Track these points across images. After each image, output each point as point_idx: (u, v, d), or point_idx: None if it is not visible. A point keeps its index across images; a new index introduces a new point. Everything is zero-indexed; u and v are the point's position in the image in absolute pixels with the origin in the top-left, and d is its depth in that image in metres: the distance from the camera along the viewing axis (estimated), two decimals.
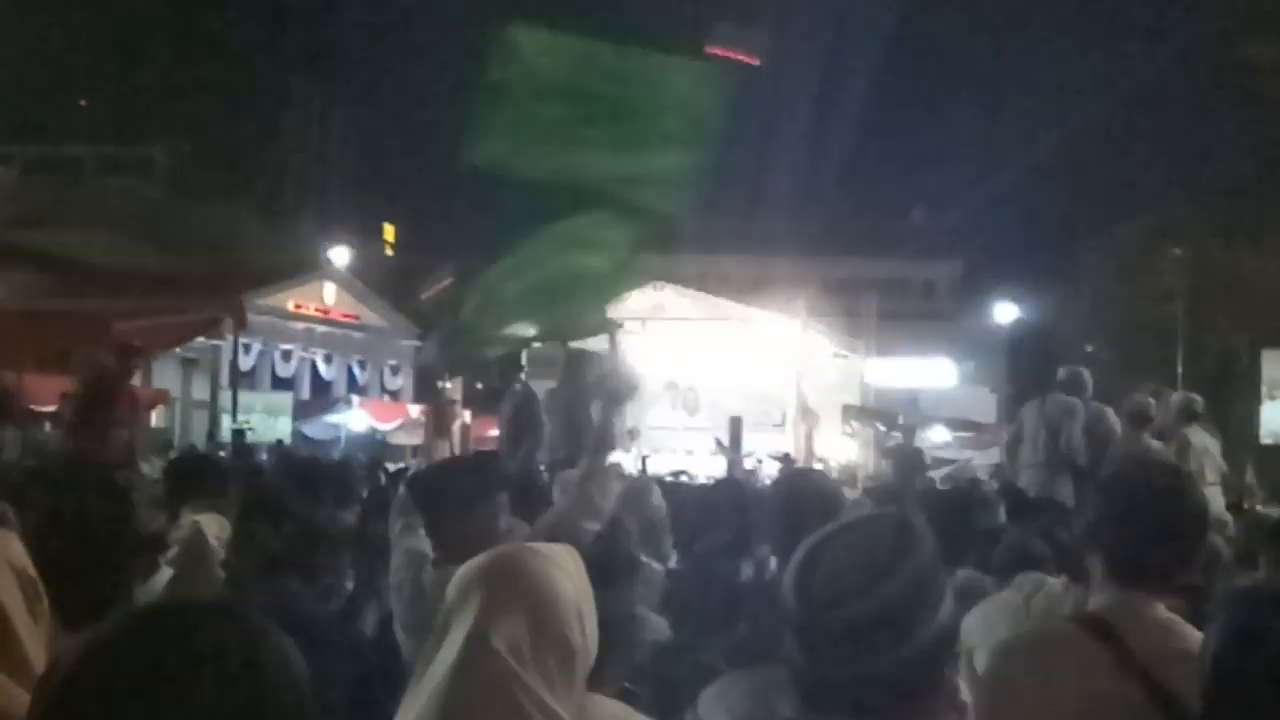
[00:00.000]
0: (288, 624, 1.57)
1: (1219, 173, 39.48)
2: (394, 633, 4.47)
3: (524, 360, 21.70)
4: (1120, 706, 3.02)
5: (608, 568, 3.24)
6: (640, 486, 6.80)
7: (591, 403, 13.37)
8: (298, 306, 34.68)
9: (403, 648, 4.29)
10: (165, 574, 4.94)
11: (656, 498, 6.70)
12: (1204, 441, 12.43)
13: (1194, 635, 3.12)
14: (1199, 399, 13.21)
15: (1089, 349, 47.02)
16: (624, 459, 24.85)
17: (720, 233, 51.03)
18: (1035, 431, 12.25)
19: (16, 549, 2.50)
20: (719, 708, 2.31)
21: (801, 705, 2.21)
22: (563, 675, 2.46)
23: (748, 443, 21.47)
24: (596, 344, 13.68)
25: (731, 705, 2.29)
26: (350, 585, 4.62)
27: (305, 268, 38.21)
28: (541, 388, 13.51)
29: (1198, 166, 40.72)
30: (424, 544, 4.61)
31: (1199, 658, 2.60)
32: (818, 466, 25.81)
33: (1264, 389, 35.04)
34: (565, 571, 2.59)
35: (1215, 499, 11.56)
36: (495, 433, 28.78)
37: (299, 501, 5.53)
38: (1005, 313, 46.76)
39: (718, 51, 41.90)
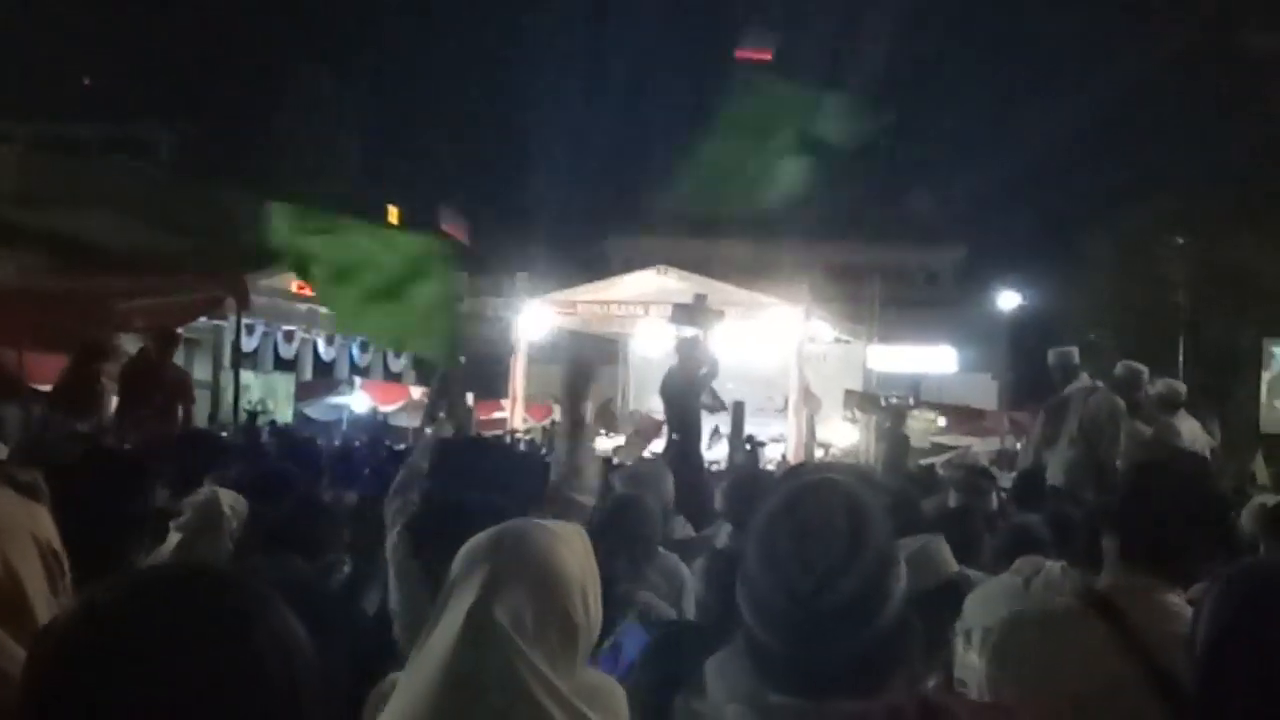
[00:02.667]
0: (289, 599, 1.58)
1: (1223, 161, 39.38)
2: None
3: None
4: (1120, 685, 3.05)
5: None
6: (652, 473, 6.85)
7: (703, 389, 13.61)
8: (300, 288, 34.54)
9: (396, 629, 4.30)
10: (174, 539, 4.97)
11: (669, 485, 6.77)
12: (1191, 429, 12.44)
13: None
14: (1183, 386, 13.23)
15: (1092, 337, 46.97)
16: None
17: (723, 217, 50.99)
18: (1071, 424, 12.25)
19: (44, 522, 2.50)
20: (719, 682, 2.31)
21: (783, 691, 2.22)
22: (564, 651, 2.48)
23: (750, 427, 21.46)
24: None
25: (731, 680, 2.29)
26: (349, 566, 4.64)
27: None
28: None
29: (1202, 155, 40.61)
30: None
31: (1189, 636, 2.62)
32: (819, 452, 25.88)
33: (1266, 378, 34.99)
34: (571, 549, 2.60)
35: None
36: (499, 414, 28.90)
37: (302, 481, 5.57)
38: (1007, 300, 46.79)
39: (745, 54, 41.82)
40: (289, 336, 32.65)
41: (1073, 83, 54.20)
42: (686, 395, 13.25)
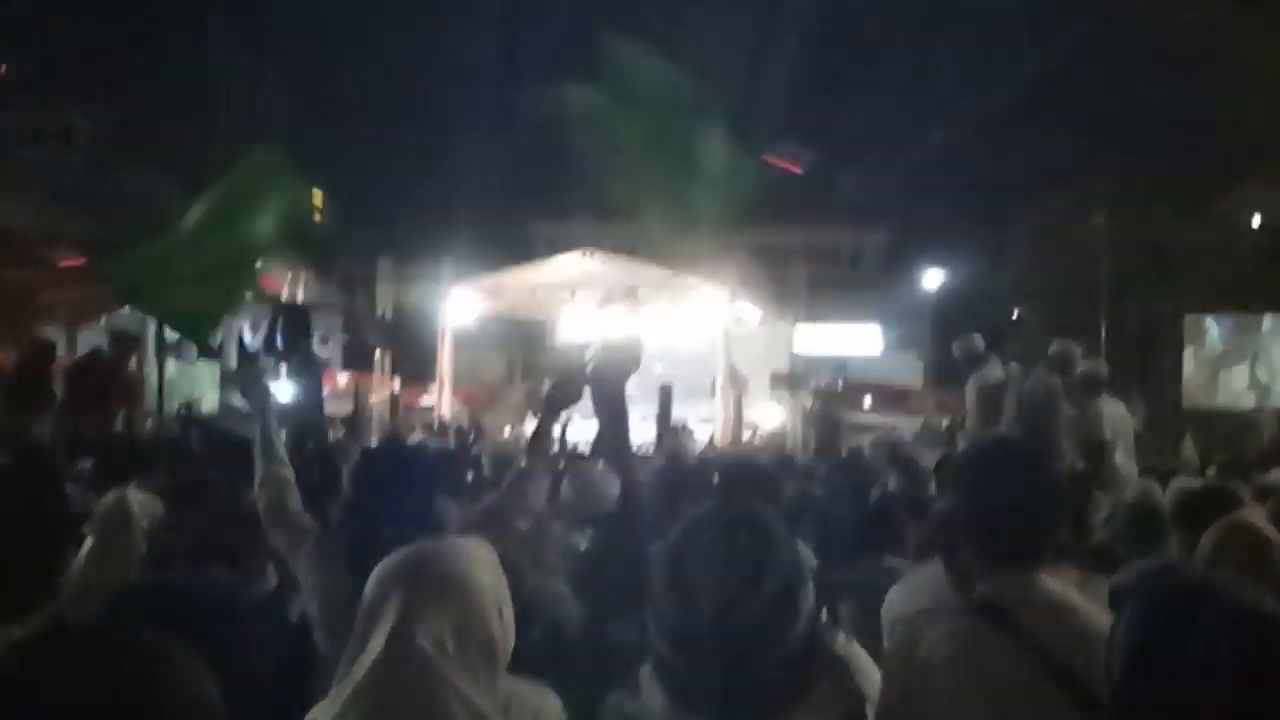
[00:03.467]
0: (212, 610, 1.55)
1: (1144, 139, 39.80)
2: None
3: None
4: (1020, 687, 3.06)
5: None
6: (598, 477, 6.77)
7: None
8: None
9: (317, 637, 4.27)
10: (87, 545, 4.91)
11: (615, 489, 6.72)
12: (1115, 413, 12.55)
13: (1085, 611, 3.17)
14: (1105, 369, 13.35)
15: (1016, 313, 47.41)
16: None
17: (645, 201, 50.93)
18: (1010, 406, 12.32)
19: None
20: (653, 688, 2.33)
21: (693, 713, 2.23)
22: (486, 667, 2.48)
23: (678, 410, 21.53)
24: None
25: (650, 697, 2.31)
26: (272, 571, 4.60)
27: None
28: None
29: (1123, 133, 41.03)
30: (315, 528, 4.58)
31: (1107, 644, 2.62)
32: (746, 434, 25.94)
33: (1193, 354, 35.46)
34: (482, 564, 2.60)
35: (1129, 468, 11.70)
36: (426, 401, 28.76)
37: (225, 486, 5.51)
38: (932, 279, 47.11)
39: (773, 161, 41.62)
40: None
41: (996, 62, 54.59)
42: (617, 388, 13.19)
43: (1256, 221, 40.03)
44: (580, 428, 26.00)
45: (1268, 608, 2.50)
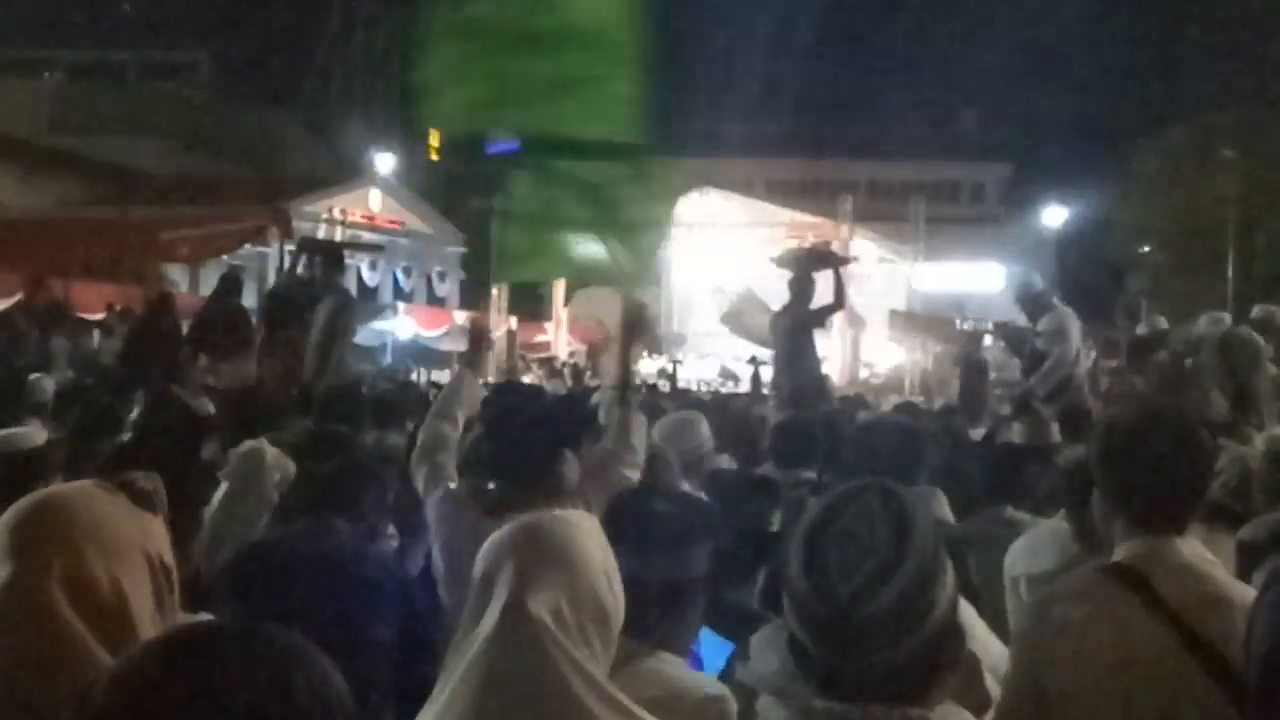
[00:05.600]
0: (335, 565, 1.53)
1: (1272, 75, 38.91)
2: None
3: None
4: (1155, 654, 3.02)
5: (667, 531, 3.24)
6: (685, 420, 6.71)
7: (816, 330, 13.52)
8: (343, 214, 34.70)
9: (441, 592, 4.30)
10: (220, 492, 4.98)
11: (704, 429, 6.65)
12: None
13: (1222, 578, 3.12)
14: (1227, 317, 13.07)
15: (1144, 250, 46.65)
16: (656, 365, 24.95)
17: (766, 136, 50.67)
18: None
19: (157, 535, 2.46)
20: (770, 655, 2.31)
21: (825, 694, 2.21)
22: (600, 637, 2.48)
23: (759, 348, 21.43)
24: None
25: (771, 670, 2.29)
26: (393, 529, 4.63)
27: (350, 174, 38.21)
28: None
29: (1250, 69, 40.13)
30: (453, 485, 4.60)
31: (1247, 625, 2.57)
32: (863, 372, 25.79)
33: None
34: (590, 536, 2.60)
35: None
36: (542, 338, 28.92)
37: (348, 440, 5.55)
38: (1053, 216, 46.40)
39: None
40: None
41: None
42: (797, 333, 13.06)
43: None
44: (695, 367, 25.96)
45: None
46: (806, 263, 13.95)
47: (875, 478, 2.35)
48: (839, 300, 13.59)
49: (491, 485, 4.56)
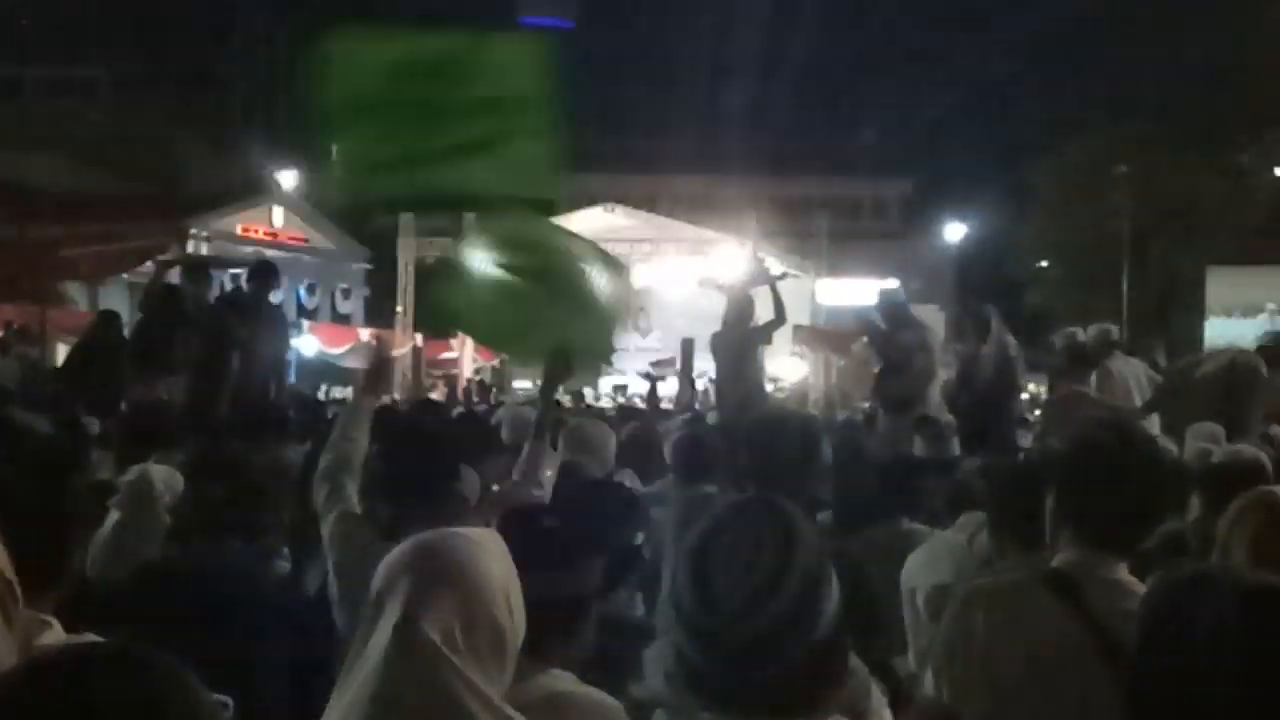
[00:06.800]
0: (230, 586, 1.56)
1: (1165, 90, 39.58)
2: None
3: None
4: (1075, 661, 3.11)
5: (558, 547, 3.25)
6: (590, 436, 6.72)
7: (758, 348, 13.59)
8: (246, 230, 34.36)
9: (335, 613, 4.28)
10: (111, 519, 4.95)
11: (610, 445, 6.68)
12: (1125, 370, 12.51)
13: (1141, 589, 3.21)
14: (1114, 328, 13.32)
15: (1043, 265, 47.26)
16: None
17: (670, 153, 50.83)
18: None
19: None
20: (660, 670, 2.35)
21: (713, 708, 2.25)
22: (494, 658, 2.47)
23: (700, 364, 21.54)
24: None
25: (661, 684, 2.33)
26: (287, 549, 4.62)
27: (253, 191, 37.83)
28: None
29: (1145, 84, 40.81)
30: (352, 506, 4.58)
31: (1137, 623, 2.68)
32: (769, 387, 25.95)
33: (1209, 307, 35.33)
34: (490, 554, 2.59)
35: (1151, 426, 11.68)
36: (448, 354, 28.78)
37: (246, 460, 5.53)
38: (954, 232, 46.95)
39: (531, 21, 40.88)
40: (234, 280, 32.39)
41: (1018, 13, 54.27)
42: (741, 350, 13.19)
43: (1278, 173, 39.79)
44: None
45: (1273, 580, 2.55)
46: (744, 280, 14.14)
47: (762, 492, 2.41)
48: (780, 316, 13.77)
49: (388, 506, 4.53)
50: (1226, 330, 32.42)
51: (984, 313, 13.05)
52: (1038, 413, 16.53)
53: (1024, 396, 16.80)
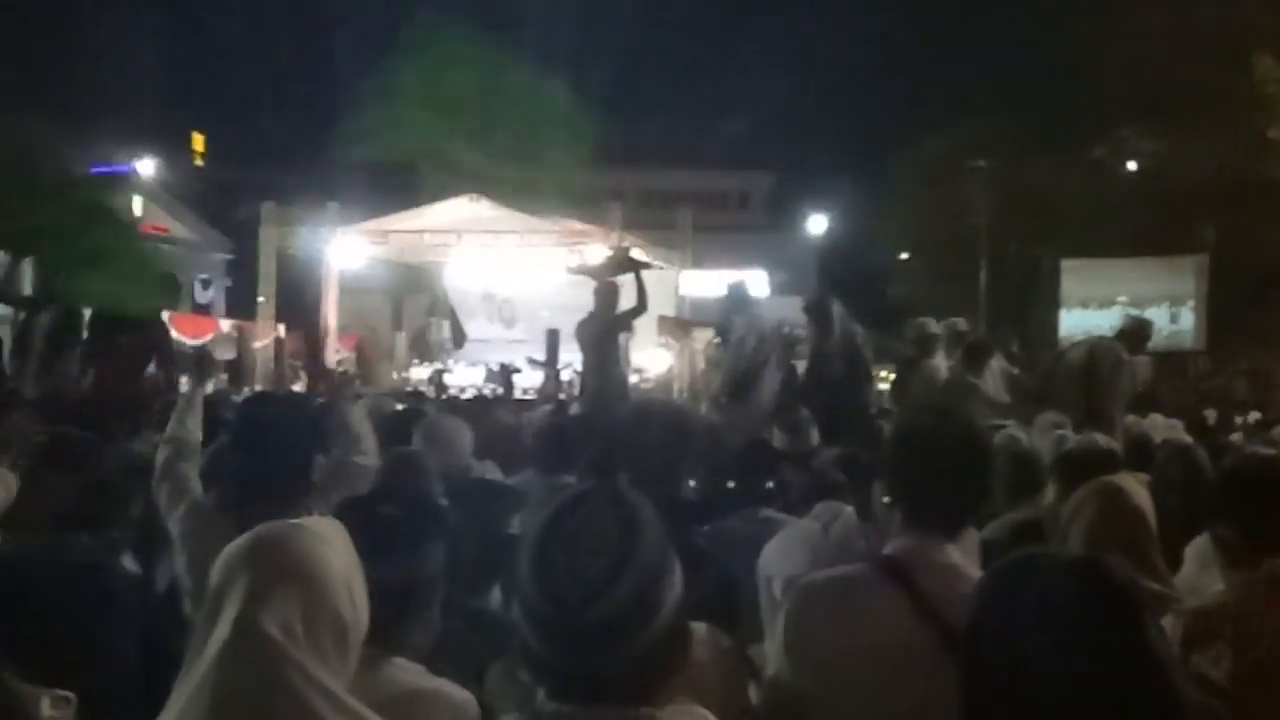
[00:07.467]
0: (77, 581, 1.54)
1: (1021, 85, 40.25)
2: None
3: None
4: (913, 647, 3.17)
5: (395, 533, 3.21)
6: (448, 429, 6.69)
7: (620, 334, 13.60)
8: None
9: (187, 606, 4.21)
10: None
11: (466, 437, 6.66)
12: (943, 365, 12.91)
13: (976, 575, 3.28)
14: (961, 321, 13.78)
15: (903, 257, 47.89)
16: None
17: (535, 145, 50.62)
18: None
19: None
20: (500, 673, 2.38)
21: (556, 697, 2.27)
22: (336, 650, 2.44)
23: (566, 355, 21.57)
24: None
25: (506, 679, 2.35)
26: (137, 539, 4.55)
27: (111, 180, 37.16)
28: None
29: (1001, 79, 41.46)
30: (200, 497, 4.51)
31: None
32: (633, 378, 26.03)
33: (1064, 299, 36.05)
34: (332, 546, 2.56)
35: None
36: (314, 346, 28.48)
37: (90, 450, 5.43)
38: (817, 224, 47.42)
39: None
40: None
41: (879, 7, 54.89)
42: (603, 338, 13.26)
43: (1132, 167, 40.67)
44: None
45: (1098, 560, 2.63)
46: (608, 269, 14.26)
47: (608, 481, 2.43)
48: (642, 304, 13.89)
49: (237, 497, 4.46)
50: (1083, 321, 33.11)
51: (824, 304, 13.23)
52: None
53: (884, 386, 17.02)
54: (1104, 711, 2.42)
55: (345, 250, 26.21)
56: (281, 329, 27.27)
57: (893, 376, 14.29)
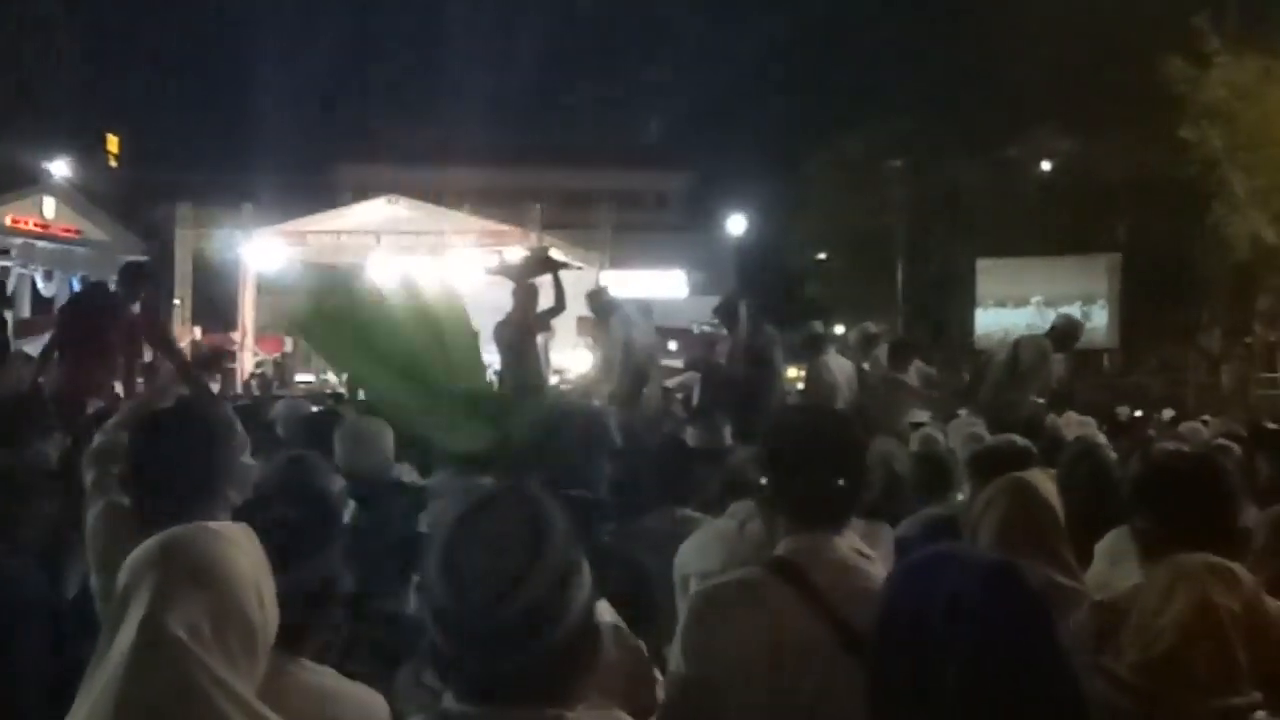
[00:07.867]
0: None
1: (937, 85, 40.59)
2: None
3: None
4: (810, 646, 3.20)
5: (302, 536, 3.18)
6: (369, 431, 6.58)
7: (537, 336, 13.57)
8: (15, 222, 33.23)
9: (99, 609, 4.17)
10: None
11: (387, 438, 6.60)
12: (836, 365, 13.10)
13: (875, 572, 3.33)
14: (871, 324, 14.06)
15: (821, 257, 48.15)
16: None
17: (453, 146, 50.54)
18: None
19: None
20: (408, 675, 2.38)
21: (464, 699, 2.28)
22: (245, 653, 2.42)
23: (486, 356, 21.46)
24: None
25: (413, 683, 2.36)
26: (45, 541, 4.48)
27: (22, 181, 36.59)
28: None
29: (917, 79, 41.80)
30: (119, 496, 4.45)
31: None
32: (554, 379, 26.01)
33: (980, 298, 36.36)
34: (240, 548, 2.55)
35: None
36: (230, 349, 28.28)
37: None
38: (735, 224, 47.57)
39: None
40: (4, 273, 31.39)
41: (796, 8, 55.14)
42: (520, 339, 13.27)
43: (1046, 167, 41.09)
44: None
45: (1011, 564, 2.67)
46: (526, 269, 14.25)
47: (516, 482, 2.44)
48: (559, 303, 13.91)
49: (146, 499, 4.40)
50: (999, 320, 33.43)
51: (732, 305, 13.41)
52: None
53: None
54: (1008, 711, 2.46)
55: (262, 252, 26.03)
56: (198, 331, 27.04)
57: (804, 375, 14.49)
